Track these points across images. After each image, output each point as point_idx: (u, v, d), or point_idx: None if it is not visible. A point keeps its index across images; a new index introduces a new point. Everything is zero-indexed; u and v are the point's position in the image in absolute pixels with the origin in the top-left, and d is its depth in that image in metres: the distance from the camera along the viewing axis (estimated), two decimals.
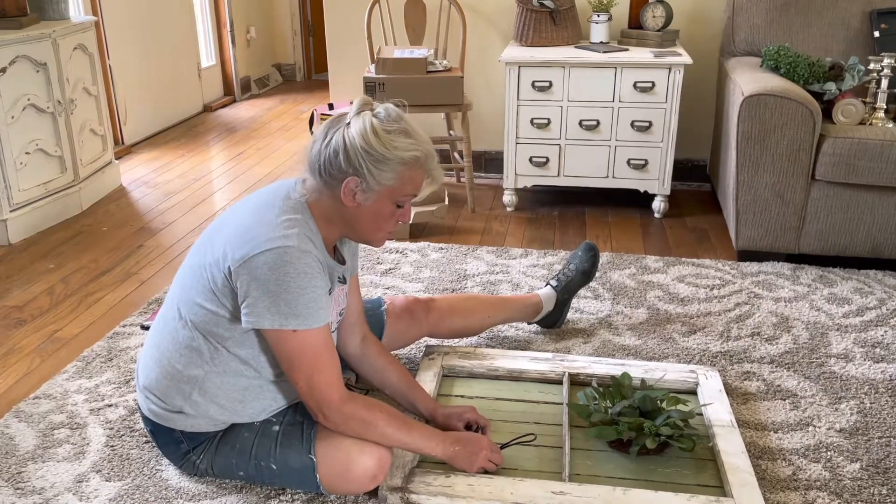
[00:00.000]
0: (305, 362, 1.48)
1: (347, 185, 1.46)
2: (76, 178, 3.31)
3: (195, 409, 1.57)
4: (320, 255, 1.51)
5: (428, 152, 1.49)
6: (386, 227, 1.54)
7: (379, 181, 1.45)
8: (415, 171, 1.49)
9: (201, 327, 1.53)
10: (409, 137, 1.46)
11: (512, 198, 3.30)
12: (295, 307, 1.44)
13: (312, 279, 1.46)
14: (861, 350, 2.17)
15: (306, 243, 1.46)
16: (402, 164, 1.46)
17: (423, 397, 1.77)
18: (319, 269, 1.48)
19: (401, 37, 3.49)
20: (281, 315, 1.44)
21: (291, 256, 1.43)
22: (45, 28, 3.11)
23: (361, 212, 1.50)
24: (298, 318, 1.45)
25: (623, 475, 1.65)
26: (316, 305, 1.46)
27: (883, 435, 1.81)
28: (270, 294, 1.43)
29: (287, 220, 1.47)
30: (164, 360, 1.58)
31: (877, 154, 2.47)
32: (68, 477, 1.68)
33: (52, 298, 2.56)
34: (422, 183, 1.53)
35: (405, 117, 1.49)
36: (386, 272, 2.69)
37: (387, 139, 1.44)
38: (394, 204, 1.51)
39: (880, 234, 2.58)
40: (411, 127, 1.49)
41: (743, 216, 2.66)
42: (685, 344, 2.21)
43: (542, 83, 3.07)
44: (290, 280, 1.43)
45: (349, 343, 1.79)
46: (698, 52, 3.34)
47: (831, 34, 3.01)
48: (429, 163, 1.50)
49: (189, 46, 5.09)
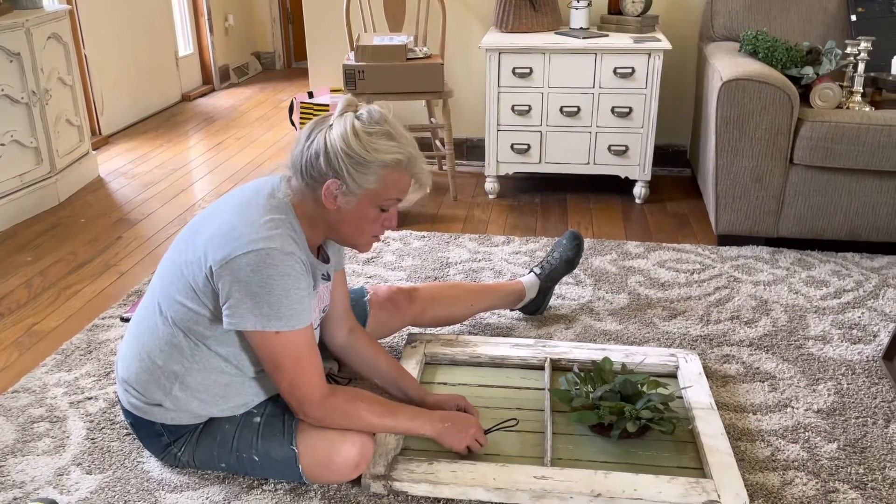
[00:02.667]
0: (288, 363, 1.47)
1: (328, 188, 1.44)
2: (53, 170, 3.27)
3: (175, 404, 1.57)
4: (304, 256, 1.49)
5: (411, 155, 1.46)
6: (370, 231, 1.52)
7: (360, 184, 1.43)
8: (398, 175, 1.46)
9: (182, 324, 1.52)
10: (391, 140, 1.44)
11: (494, 185, 3.30)
12: (278, 309, 1.43)
13: (296, 281, 1.44)
14: (838, 332, 2.20)
15: (289, 245, 1.45)
16: (384, 166, 1.44)
17: (413, 385, 1.78)
18: (302, 271, 1.47)
19: (380, 24, 3.47)
20: (264, 317, 1.43)
21: (274, 258, 1.42)
22: (18, 17, 3.05)
23: (344, 216, 1.49)
24: (281, 319, 1.44)
25: (604, 459, 1.67)
26: (300, 307, 1.46)
27: (860, 415, 1.84)
28: (253, 296, 1.42)
29: (270, 220, 1.45)
30: (144, 354, 1.57)
31: (854, 137, 2.49)
32: (48, 470, 1.67)
33: (30, 291, 2.54)
34: (407, 187, 1.50)
35: (390, 119, 1.47)
36: (368, 261, 2.68)
37: (367, 141, 1.42)
38: (377, 208, 1.49)
39: (857, 217, 2.61)
40: (395, 129, 1.46)
41: (722, 201, 2.68)
42: (665, 328, 2.22)
43: (522, 70, 3.06)
44: (274, 282, 1.42)
45: (336, 335, 1.78)
46: (677, 37, 3.34)
47: (809, 18, 3.03)
48: (413, 166, 1.47)
49: (166, 35, 5.02)
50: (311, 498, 1.58)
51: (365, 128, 1.43)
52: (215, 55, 5.55)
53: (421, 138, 3.77)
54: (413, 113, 3.70)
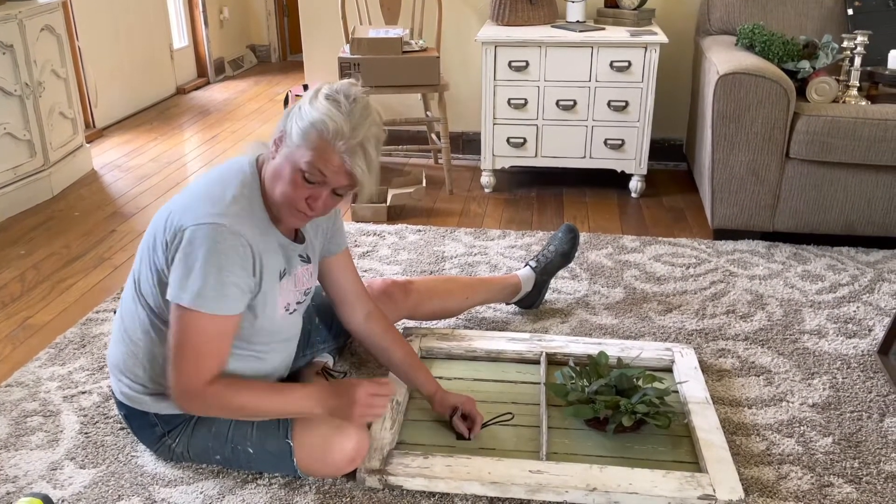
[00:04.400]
0: (189, 347, 1.43)
1: (275, 138, 1.46)
2: (46, 163, 3.25)
3: (160, 387, 1.55)
4: (258, 234, 1.46)
5: (342, 130, 1.37)
6: (291, 196, 1.43)
7: (293, 138, 1.41)
8: (325, 145, 1.38)
9: (153, 302, 1.51)
10: (335, 108, 1.39)
11: (490, 179, 3.29)
12: (202, 287, 1.40)
13: (231, 263, 1.41)
14: (834, 326, 2.20)
15: (241, 225, 1.42)
16: (312, 126, 1.38)
17: (427, 378, 1.76)
18: (245, 255, 1.42)
19: (376, 16, 3.45)
20: (184, 290, 1.41)
21: (218, 234, 1.40)
22: (11, 9, 3.03)
23: (276, 172, 1.45)
24: (201, 297, 1.40)
25: (600, 453, 1.67)
26: (223, 291, 1.41)
27: (855, 409, 1.84)
28: (186, 268, 1.41)
29: (232, 197, 1.45)
30: (127, 337, 1.57)
31: (850, 132, 2.48)
32: (42, 465, 1.66)
33: (24, 285, 2.52)
34: (335, 166, 1.39)
35: (359, 98, 1.41)
36: (363, 255, 2.67)
37: (316, 101, 1.40)
38: (301, 172, 1.41)
39: (853, 212, 2.61)
40: (349, 108, 1.39)
41: (718, 195, 2.68)
42: (661, 322, 2.22)
43: (518, 63, 3.05)
44: (208, 258, 1.39)
45: (352, 321, 1.77)
46: (674, 31, 3.33)
47: (805, 12, 3.02)
48: (341, 142, 1.37)
49: (161, 27, 4.99)
50: (305, 492, 1.57)
51: (325, 91, 1.42)
52: (210, 48, 5.52)
53: (417, 132, 3.77)
54: (409, 106, 3.68)
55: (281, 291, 1.55)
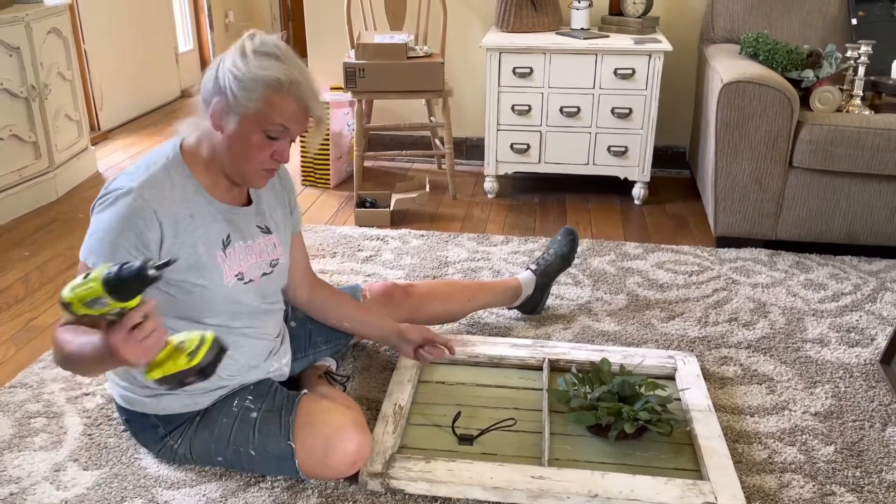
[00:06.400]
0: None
1: (214, 108, 1.44)
2: (51, 165, 3.26)
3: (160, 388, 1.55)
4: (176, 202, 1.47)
5: (295, 78, 1.41)
6: (257, 159, 1.46)
7: (241, 102, 1.41)
8: (282, 98, 1.41)
9: None
10: (276, 61, 1.42)
11: (493, 184, 3.30)
12: (92, 242, 1.43)
13: (124, 226, 1.41)
14: (836, 335, 2.20)
15: (152, 188, 1.44)
16: (265, 86, 1.40)
17: (384, 322, 1.86)
18: (141, 221, 1.42)
19: (381, 22, 3.46)
20: (84, 246, 1.44)
21: (117, 197, 1.44)
22: (18, 11, 3.05)
23: (230, 139, 1.46)
24: (91, 253, 1.43)
25: (602, 459, 1.67)
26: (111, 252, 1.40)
27: (857, 418, 1.84)
28: (91, 226, 1.46)
29: (148, 165, 1.49)
30: None
31: (853, 141, 2.49)
32: (45, 466, 1.67)
33: (28, 286, 2.53)
34: (295, 115, 1.44)
35: (283, 46, 1.45)
36: (367, 259, 2.68)
37: (253, 59, 1.41)
38: (263, 134, 1.44)
39: (856, 221, 2.61)
40: (285, 55, 1.43)
41: (721, 203, 2.68)
42: (664, 329, 2.22)
43: (522, 69, 3.06)
44: (102, 216, 1.44)
45: (298, 296, 1.83)
46: (678, 39, 3.34)
47: (809, 22, 3.03)
48: (297, 90, 1.42)
49: (166, 31, 5.02)
50: (308, 496, 1.58)
51: (253, 47, 1.43)
52: (215, 52, 5.54)
53: (420, 137, 3.78)
54: (413, 111, 3.70)
55: (227, 259, 1.54)
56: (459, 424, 1.77)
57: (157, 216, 1.44)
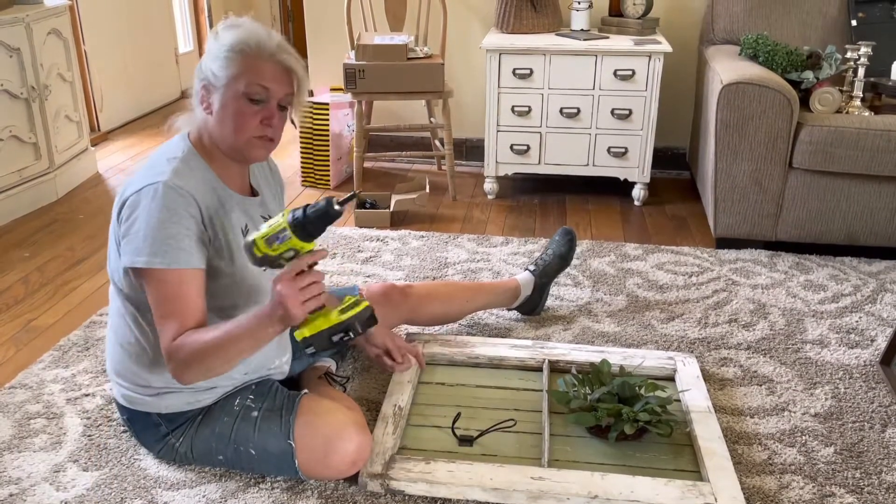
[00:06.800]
0: (164, 305, 1.41)
1: (201, 93, 1.49)
2: (51, 166, 3.26)
3: (163, 380, 1.56)
4: (205, 189, 1.48)
5: (260, 38, 1.45)
6: (248, 126, 1.47)
7: (217, 75, 1.46)
8: (253, 59, 1.44)
9: (130, 290, 1.52)
10: (241, 29, 1.47)
11: (493, 185, 3.30)
12: (151, 242, 1.41)
13: (174, 214, 1.42)
14: (836, 336, 2.20)
15: (181, 178, 1.45)
16: (233, 51, 1.45)
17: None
18: (188, 206, 1.44)
19: (381, 23, 3.47)
20: (138, 252, 1.41)
21: (156, 191, 1.43)
22: (18, 12, 3.05)
23: (220, 117, 1.48)
24: (153, 254, 1.41)
25: (602, 461, 1.67)
26: (176, 243, 1.41)
27: (857, 419, 1.84)
28: (133, 231, 1.43)
29: (168, 160, 1.49)
30: (120, 339, 1.58)
31: (853, 142, 2.49)
32: (45, 467, 1.67)
33: (28, 287, 2.53)
34: (274, 75, 1.46)
35: (251, 21, 1.49)
36: (366, 260, 2.68)
37: (221, 34, 1.47)
38: (246, 99, 1.46)
39: (856, 222, 2.62)
40: (252, 24, 1.48)
41: (721, 204, 2.68)
42: (664, 331, 2.22)
43: (522, 71, 3.06)
44: (151, 213, 1.42)
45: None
46: (678, 40, 3.34)
47: (809, 23, 3.03)
48: (267, 48, 1.45)
49: (166, 31, 5.02)
50: (308, 497, 1.58)
51: (222, 26, 1.48)
52: None
53: (420, 138, 3.78)
54: (413, 112, 3.70)
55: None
56: (459, 425, 1.77)
57: (196, 201, 1.46)
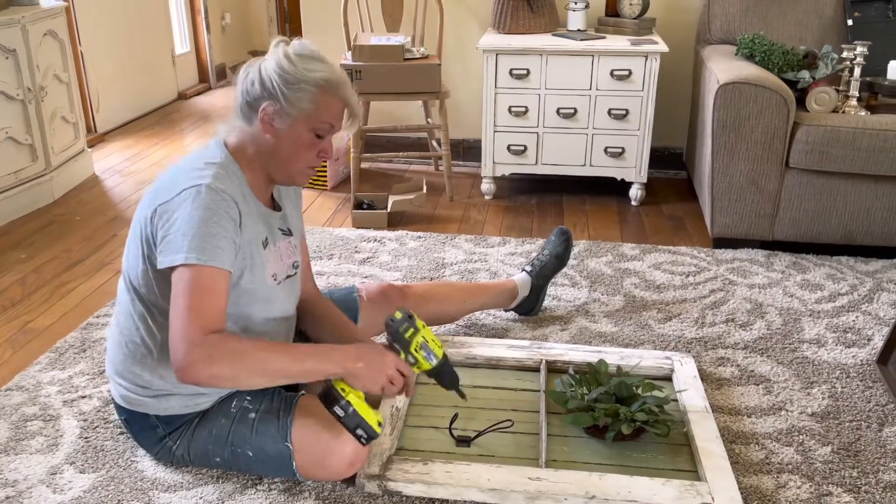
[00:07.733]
0: (189, 298, 1.38)
1: (265, 111, 1.48)
2: (48, 167, 3.26)
3: (165, 383, 1.56)
4: (240, 196, 1.49)
5: (341, 77, 1.50)
6: (306, 158, 1.52)
7: (293, 104, 1.46)
8: (329, 98, 1.49)
9: (146, 290, 1.52)
10: (321, 62, 1.49)
11: (490, 186, 3.30)
12: (192, 240, 1.40)
13: (215, 215, 1.42)
14: (833, 335, 2.20)
15: (222, 182, 1.46)
16: (315, 86, 1.47)
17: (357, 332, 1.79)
18: (228, 209, 1.44)
19: (378, 23, 3.46)
20: (177, 250, 1.41)
21: (199, 192, 1.43)
22: (14, 13, 3.04)
23: (280, 140, 1.50)
24: (194, 251, 1.40)
25: (599, 461, 1.67)
26: (214, 242, 1.41)
27: (854, 418, 1.84)
28: (174, 230, 1.42)
29: (206, 164, 1.49)
30: (125, 338, 1.58)
31: (849, 142, 2.49)
32: (42, 469, 1.67)
33: (24, 289, 2.53)
34: (340, 114, 1.52)
35: (317, 51, 1.52)
36: (364, 261, 2.68)
37: (298, 62, 1.47)
38: (312, 132, 1.50)
39: (852, 221, 2.62)
40: (324, 58, 1.52)
41: (718, 204, 2.69)
42: (661, 331, 2.22)
43: (519, 71, 3.07)
44: (192, 213, 1.41)
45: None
46: (674, 40, 3.35)
47: (805, 22, 3.04)
48: (343, 89, 1.50)
49: (163, 32, 5.01)
50: (305, 498, 1.57)
51: (297, 51, 1.48)
52: (212, 54, 5.54)
53: (417, 138, 3.78)
54: (410, 113, 3.70)
55: (267, 259, 1.56)
56: (457, 426, 1.77)
57: (236, 205, 1.47)
